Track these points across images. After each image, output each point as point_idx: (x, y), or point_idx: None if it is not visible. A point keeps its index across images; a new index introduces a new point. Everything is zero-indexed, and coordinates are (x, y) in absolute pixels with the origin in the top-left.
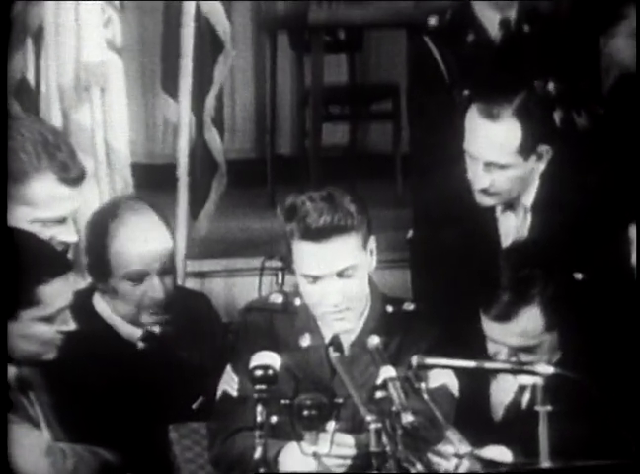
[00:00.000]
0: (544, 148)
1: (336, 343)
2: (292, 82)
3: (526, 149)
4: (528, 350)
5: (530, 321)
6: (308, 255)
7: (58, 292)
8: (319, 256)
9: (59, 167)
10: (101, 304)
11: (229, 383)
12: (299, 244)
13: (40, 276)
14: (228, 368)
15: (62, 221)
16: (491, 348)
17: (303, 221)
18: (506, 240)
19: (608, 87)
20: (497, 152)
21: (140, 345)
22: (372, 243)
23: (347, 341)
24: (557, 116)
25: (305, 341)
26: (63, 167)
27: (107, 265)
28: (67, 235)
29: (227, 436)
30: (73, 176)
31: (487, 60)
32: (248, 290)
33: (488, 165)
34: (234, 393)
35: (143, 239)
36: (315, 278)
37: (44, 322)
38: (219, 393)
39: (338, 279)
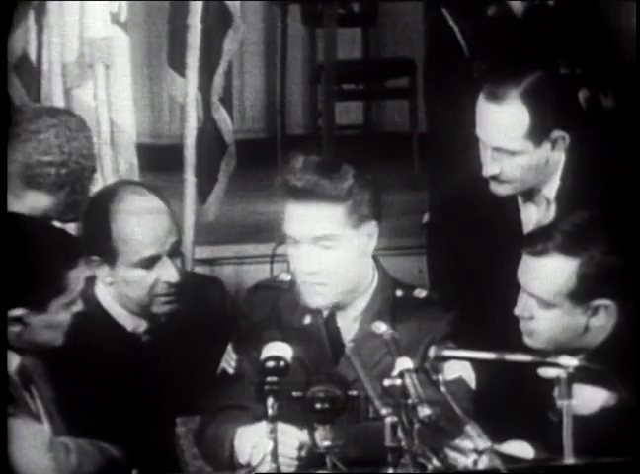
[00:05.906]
0: (559, 134)
1: (331, 321)
2: (304, 58)
3: (537, 135)
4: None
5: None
6: (289, 214)
7: (81, 275)
8: (299, 216)
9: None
10: (103, 294)
11: (228, 361)
12: (284, 201)
13: (68, 261)
14: (229, 347)
15: None
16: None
17: (289, 177)
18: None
19: (626, 66)
20: (503, 137)
21: (145, 337)
22: (372, 227)
23: (347, 319)
24: (582, 96)
25: (306, 320)
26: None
27: (114, 254)
28: None
29: (214, 414)
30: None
31: (508, 35)
32: (259, 278)
33: (496, 151)
34: (231, 371)
35: (150, 223)
36: (295, 241)
37: (67, 308)
38: (219, 371)
39: (315, 247)
